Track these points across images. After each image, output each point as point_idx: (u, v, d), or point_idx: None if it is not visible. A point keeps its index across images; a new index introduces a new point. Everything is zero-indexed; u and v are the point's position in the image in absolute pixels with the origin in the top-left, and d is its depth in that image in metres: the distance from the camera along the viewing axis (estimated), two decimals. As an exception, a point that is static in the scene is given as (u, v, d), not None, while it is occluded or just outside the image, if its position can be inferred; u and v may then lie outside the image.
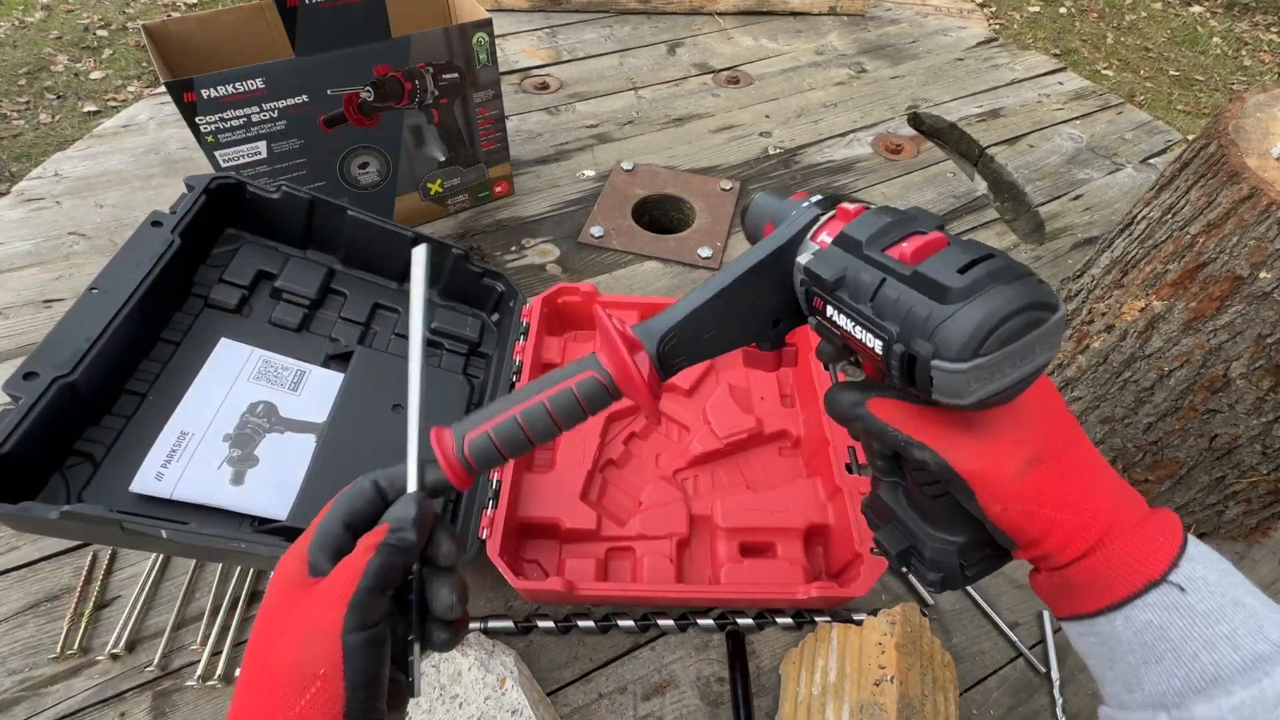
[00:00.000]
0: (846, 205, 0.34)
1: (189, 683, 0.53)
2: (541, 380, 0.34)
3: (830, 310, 0.32)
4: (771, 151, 1.06)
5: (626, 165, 1.00)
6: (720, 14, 1.37)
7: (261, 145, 0.72)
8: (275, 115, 0.71)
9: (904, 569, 0.37)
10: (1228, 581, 0.28)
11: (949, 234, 0.30)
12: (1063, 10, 3.28)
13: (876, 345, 0.29)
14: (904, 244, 0.29)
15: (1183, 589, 0.28)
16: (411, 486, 0.33)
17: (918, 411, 0.31)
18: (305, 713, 0.26)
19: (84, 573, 0.58)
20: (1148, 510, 0.30)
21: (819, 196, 0.36)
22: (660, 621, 0.57)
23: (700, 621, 0.57)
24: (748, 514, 0.60)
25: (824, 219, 0.34)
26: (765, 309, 0.36)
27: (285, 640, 0.28)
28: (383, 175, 0.82)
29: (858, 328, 0.30)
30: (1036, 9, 3.28)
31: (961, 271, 0.27)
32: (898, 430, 0.31)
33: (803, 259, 0.33)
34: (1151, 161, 1.08)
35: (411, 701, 0.37)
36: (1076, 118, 1.16)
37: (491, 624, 0.55)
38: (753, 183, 1.00)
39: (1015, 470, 0.29)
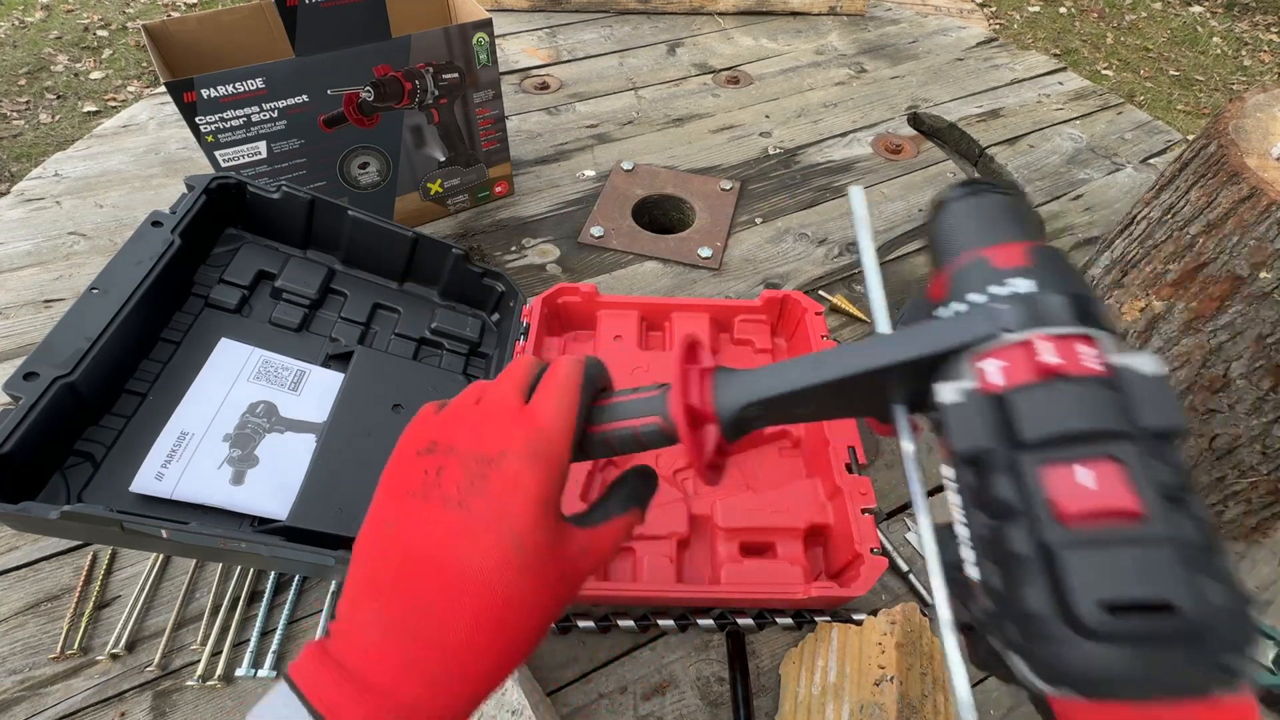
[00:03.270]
0: (1046, 339, 0.21)
1: (189, 683, 0.53)
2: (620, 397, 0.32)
3: (945, 469, 0.24)
4: (771, 151, 1.06)
5: (626, 165, 1.00)
6: (720, 14, 1.37)
7: (261, 145, 0.72)
8: (275, 115, 0.71)
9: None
10: None
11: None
12: (1063, 10, 3.28)
13: (971, 571, 0.22)
14: (1074, 474, 0.19)
15: None
16: None
17: None
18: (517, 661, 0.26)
19: (84, 573, 0.58)
20: None
21: (1031, 289, 0.23)
22: (660, 621, 0.57)
23: (700, 621, 0.57)
24: (748, 514, 0.60)
25: (1007, 342, 0.22)
26: (886, 396, 0.27)
27: (543, 595, 0.26)
28: (383, 175, 0.82)
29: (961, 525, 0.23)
30: (1036, 9, 3.28)
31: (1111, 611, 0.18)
32: None
33: (947, 394, 0.23)
34: (1151, 161, 1.08)
35: None
36: (1076, 118, 1.16)
37: (491, 624, 0.55)
38: (753, 183, 1.00)
39: None
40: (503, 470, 0.26)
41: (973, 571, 0.22)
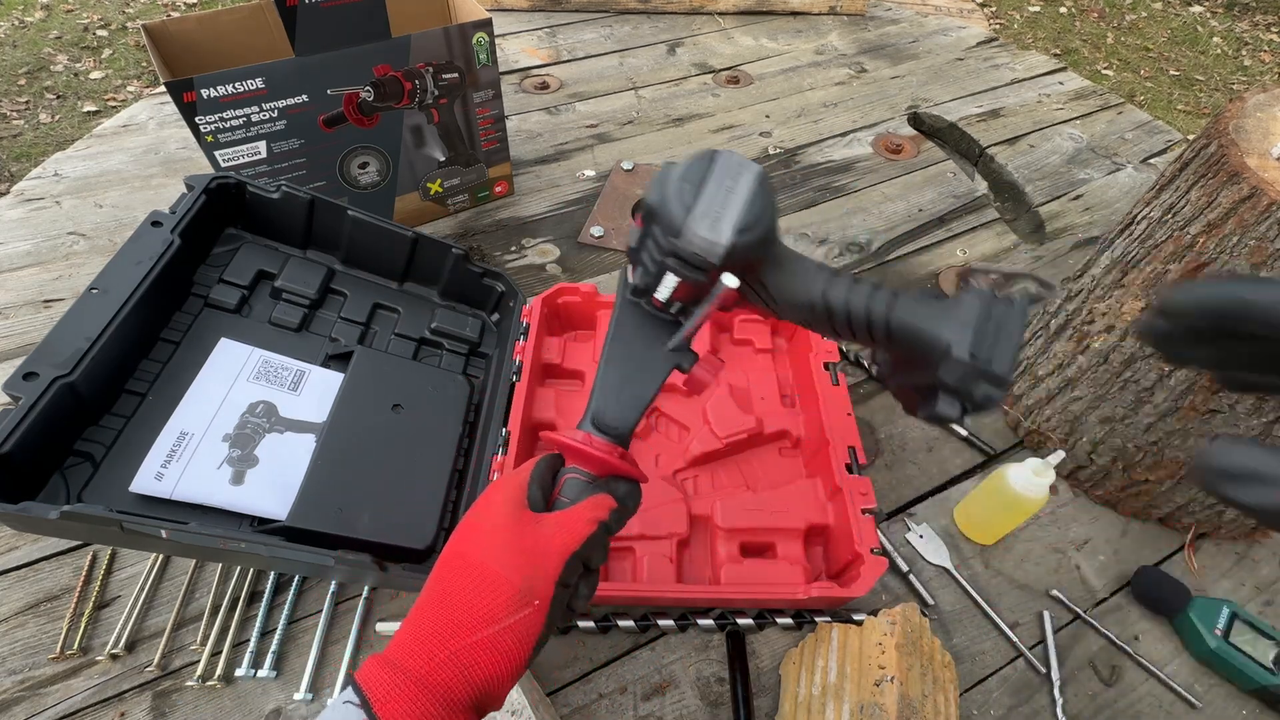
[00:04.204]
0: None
1: (189, 683, 0.53)
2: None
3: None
4: (771, 151, 1.06)
5: (626, 165, 1.00)
6: (720, 14, 1.37)
7: (261, 145, 0.72)
8: (275, 115, 0.71)
9: None
10: None
11: None
12: (1063, 10, 3.28)
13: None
14: None
15: None
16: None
17: None
18: (519, 624, 0.33)
19: (84, 573, 0.58)
20: None
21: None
22: (660, 622, 0.57)
23: (700, 621, 0.57)
24: (748, 514, 0.60)
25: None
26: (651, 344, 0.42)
27: (516, 559, 0.34)
28: (383, 175, 0.82)
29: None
30: (1036, 9, 3.28)
31: None
32: None
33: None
34: (1151, 161, 1.08)
35: None
36: (1076, 118, 1.16)
37: (491, 624, 0.55)
38: (753, 183, 1.00)
39: None
40: (488, 499, 0.38)
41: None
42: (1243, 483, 0.23)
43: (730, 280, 0.37)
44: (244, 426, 0.57)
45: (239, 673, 0.53)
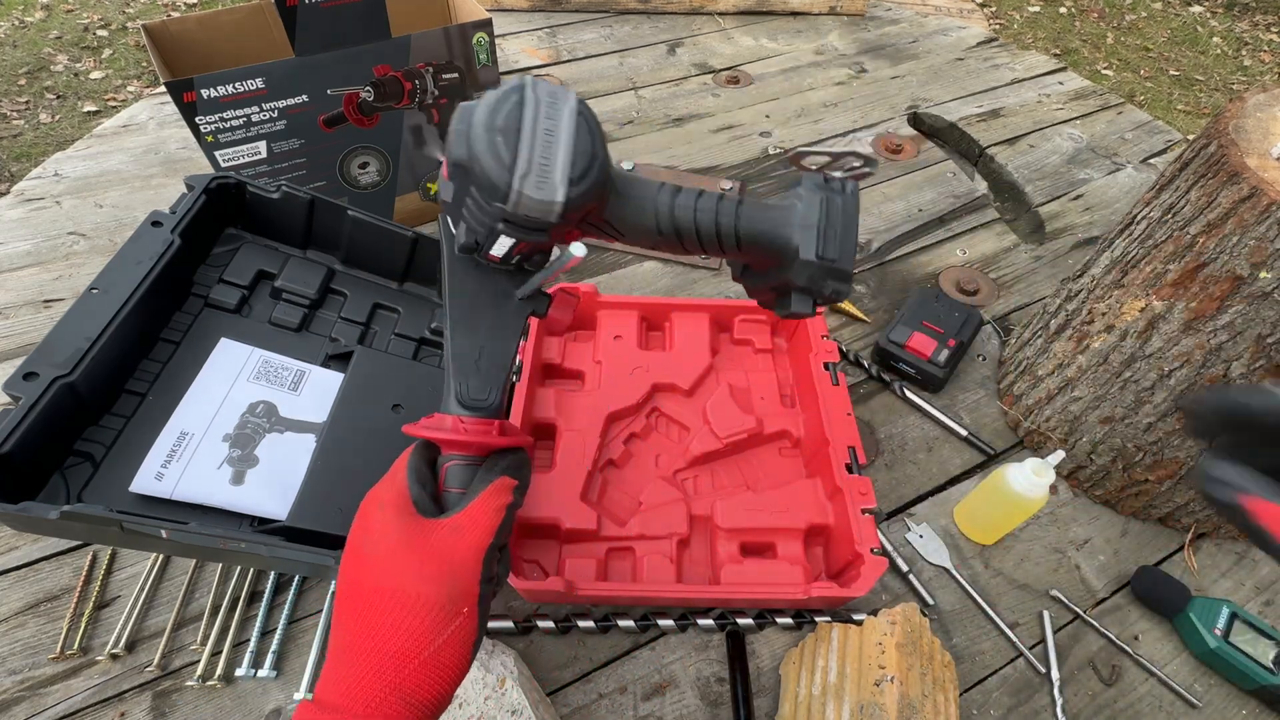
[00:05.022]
0: None
1: (189, 683, 0.53)
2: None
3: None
4: (771, 151, 1.06)
5: (626, 165, 1.00)
6: (720, 14, 1.37)
7: (261, 145, 0.72)
8: (275, 115, 0.71)
9: None
10: None
11: None
12: (1063, 10, 3.28)
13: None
14: None
15: None
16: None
17: None
18: (454, 636, 0.31)
19: (84, 573, 0.58)
20: None
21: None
22: (660, 621, 0.57)
23: (700, 621, 0.57)
24: (748, 514, 0.60)
25: None
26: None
27: (430, 571, 0.32)
28: (383, 175, 0.82)
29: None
30: (1036, 9, 3.28)
31: None
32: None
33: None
34: (1151, 161, 1.08)
35: None
36: (1076, 118, 1.16)
37: (491, 624, 0.55)
38: (753, 183, 1.00)
39: None
40: (367, 516, 0.35)
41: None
42: (1216, 485, 0.31)
43: (578, 250, 0.35)
44: (244, 426, 0.57)
45: (239, 673, 0.53)
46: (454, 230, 0.37)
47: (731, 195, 0.40)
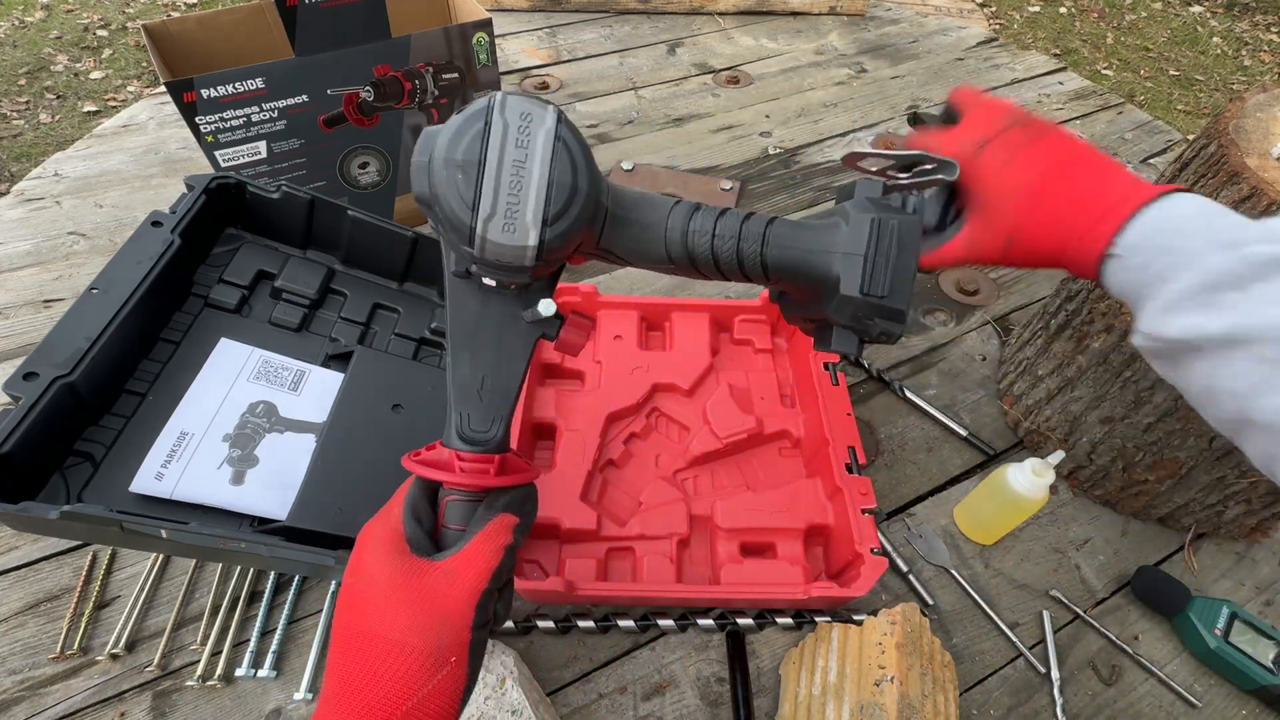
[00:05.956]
0: None
1: (189, 683, 0.53)
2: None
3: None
4: (771, 151, 1.06)
5: (626, 165, 1.00)
6: (720, 14, 1.37)
7: (261, 145, 0.72)
8: (275, 115, 0.71)
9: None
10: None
11: None
12: (1063, 10, 3.28)
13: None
14: None
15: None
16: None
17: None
18: (439, 688, 0.30)
19: (84, 573, 0.58)
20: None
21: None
22: (660, 621, 0.57)
23: (700, 621, 0.57)
24: (748, 514, 0.60)
25: None
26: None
27: (415, 620, 0.31)
28: (383, 175, 0.82)
29: None
30: (1036, 9, 3.28)
31: None
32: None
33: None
34: (1151, 161, 1.08)
35: None
36: (1076, 118, 1.16)
37: (491, 624, 0.55)
38: (753, 183, 1.00)
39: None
40: (360, 553, 0.34)
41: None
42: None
43: (547, 308, 0.31)
44: (244, 426, 0.57)
45: (239, 673, 0.53)
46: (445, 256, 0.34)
47: (759, 215, 0.35)
